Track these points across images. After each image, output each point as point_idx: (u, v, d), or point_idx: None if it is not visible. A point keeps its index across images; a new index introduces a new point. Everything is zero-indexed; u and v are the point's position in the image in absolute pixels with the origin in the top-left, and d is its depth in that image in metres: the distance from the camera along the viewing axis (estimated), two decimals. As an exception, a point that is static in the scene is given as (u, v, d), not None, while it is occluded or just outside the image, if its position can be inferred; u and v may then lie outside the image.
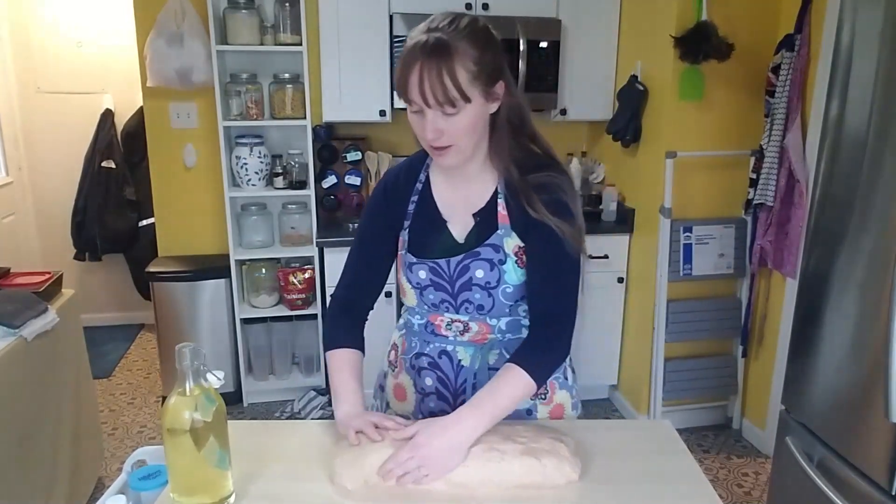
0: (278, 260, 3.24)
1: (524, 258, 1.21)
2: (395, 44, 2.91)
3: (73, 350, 2.36)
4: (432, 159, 1.26)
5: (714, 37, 2.52)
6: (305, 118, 3.02)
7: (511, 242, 1.20)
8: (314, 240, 3.12)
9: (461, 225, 1.24)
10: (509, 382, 1.13)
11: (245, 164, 3.05)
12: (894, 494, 1.48)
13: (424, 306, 1.28)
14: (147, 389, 3.44)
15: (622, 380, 3.26)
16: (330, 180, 3.16)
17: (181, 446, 0.94)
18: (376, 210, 1.30)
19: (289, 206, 3.21)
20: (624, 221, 3.07)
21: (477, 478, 1.05)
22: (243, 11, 2.91)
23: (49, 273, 2.32)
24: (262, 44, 2.97)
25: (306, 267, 3.16)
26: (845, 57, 1.66)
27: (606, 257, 3.07)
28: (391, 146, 3.31)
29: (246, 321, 3.20)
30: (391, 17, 2.91)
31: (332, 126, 3.21)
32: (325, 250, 2.95)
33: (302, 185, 3.10)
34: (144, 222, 3.90)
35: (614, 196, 3.10)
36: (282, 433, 1.25)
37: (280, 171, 3.08)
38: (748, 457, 2.84)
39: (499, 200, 1.22)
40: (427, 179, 1.28)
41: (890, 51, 1.51)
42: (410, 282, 1.26)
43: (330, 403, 3.12)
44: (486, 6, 2.95)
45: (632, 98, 2.89)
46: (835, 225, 1.68)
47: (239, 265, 3.18)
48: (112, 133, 3.92)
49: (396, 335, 1.39)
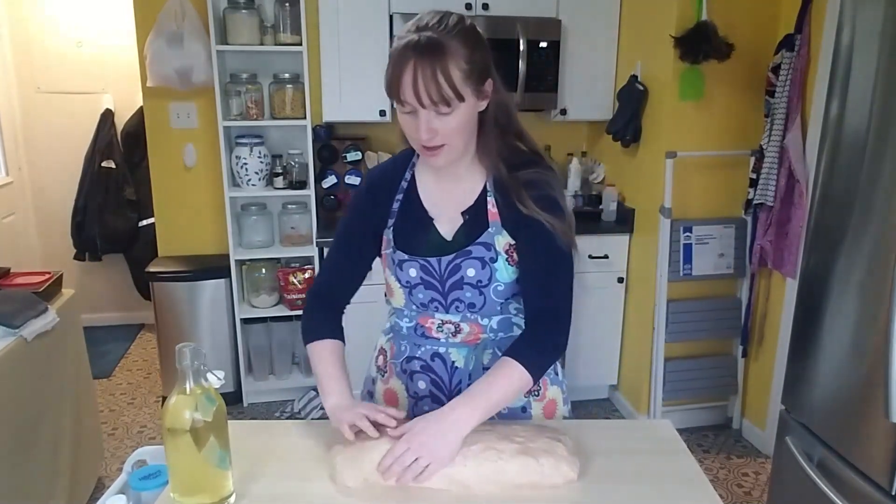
0: (278, 260, 3.24)
1: (515, 256, 1.20)
2: (396, 44, 2.91)
3: (73, 350, 2.36)
4: (418, 158, 1.26)
5: (714, 37, 2.52)
6: (305, 118, 3.02)
7: (502, 240, 1.20)
8: (314, 240, 3.12)
9: (448, 223, 1.23)
10: (504, 375, 1.12)
11: (245, 164, 3.05)
12: (894, 494, 1.48)
13: (413, 307, 1.26)
14: (147, 389, 3.44)
15: (622, 380, 3.26)
16: (330, 180, 3.16)
17: (181, 446, 0.94)
18: (359, 208, 1.29)
19: (289, 206, 3.22)
20: (624, 221, 3.07)
21: (475, 477, 1.05)
22: (243, 11, 2.91)
23: (49, 273, 2.32)
24: (262, 44, 2.97)
25: (306, 267, 3.16)
26: (845, 57, 1.66)
27: (606, 257, 3.07)
28: (391, 146, 3.31)
29: (246, 321, 3.20)
30: (391, 17, 2.91)
31: (332, 126, 3.21)
32: (325, 250, 2.95)
33: (302, 185, 3.10)
34: (144, 222, 3.90)
35: (614, 196, 3.10)
36: (282, 433, 1.25)
37: (280, 171, 3.08)
38: (748, 457, 2.84)
39: (488, 198, 1.21)
40: (412, 178, 1.27)
41: (890, 51, 1.51)
42: (399, 280, 1.24)
43: (330, 403, 3.13)
44: (486, 6, 2.95)
45: (632, 98, 2.89)
46: (835, 225, 1.68)
47: (239, 265, 3.18)
48: (112, 133, 3.92)
49: (383, 339, 1.38)
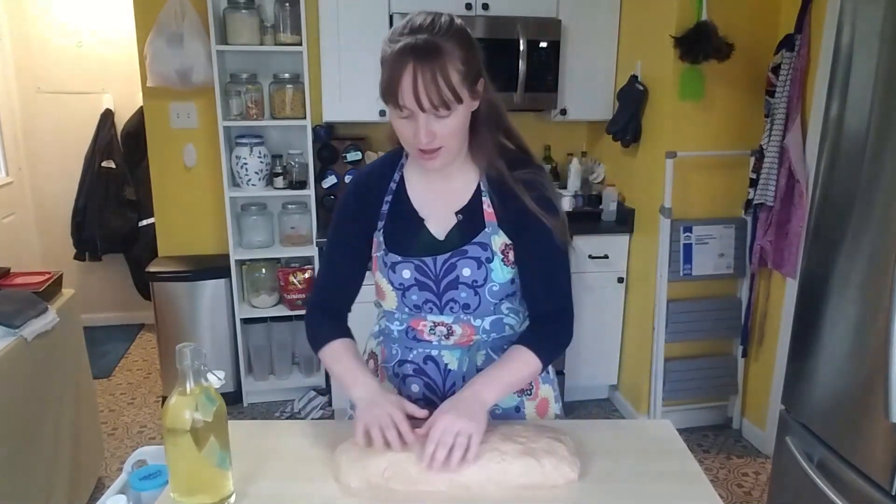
0: (278, 260, 3.24)
1: (510, 256, 1.20)
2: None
3: (73, 350, 2.36)
4: (406, 159, 1.26)
5: (714, 37, 2.52)
6: (305, 118, 3.02)
7: (498, 240, 1.20)
8: (314, 240, 3.12)
9: (440, 223, 1.22)
10: (518, 359, 1.16)
11: (245, 164, 3.05)
12: (894, 494, 1.48)
13: (405, 309, 1.24)
14: (147, 389, 3.44)
15: (622, 380, 3.26)
16: (330, 180, 3.16)
17: (182, 446, 0.94)
18: (348, 212, 1.27)
19: (289, 206, 3.21)
20: (624, 221, 3.07)
21: (477, 478, 1.05)
22: (243, 11, 2.91)
23: (49, 273, 2.31)
24: (262, 44, 2.97)
25: (306, 267, 3.16)
26: (845, 57, 1.66)
27: (606, 257, 3.07)
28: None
29: (246, 321, 3.20)
30: (391, 17, 2.91)
31: (332, 126, 3.21)
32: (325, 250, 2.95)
33: (302, 185, 3.10)
34: (144, 222, 3.90)
35: (614, 196, 3.10)
36: (282, 433, 1.25)
37: (280, 171, 3.08)
38: (748, 457, 2.84)
39: (483, 198, 1.21)
40: (401, 179, 1.25)
41: (890, 51, 1.51)
42: (392, 283, 1.22)
43: (330, 403, 3.13)
44: (486, 6, 2.95)
45: (632, 98, 2.89)
46: (835, 225, 1.68)
47: (239, 265, 3.18)
48: (112, 133, 3.92)
49: (373, 343, 1.36)
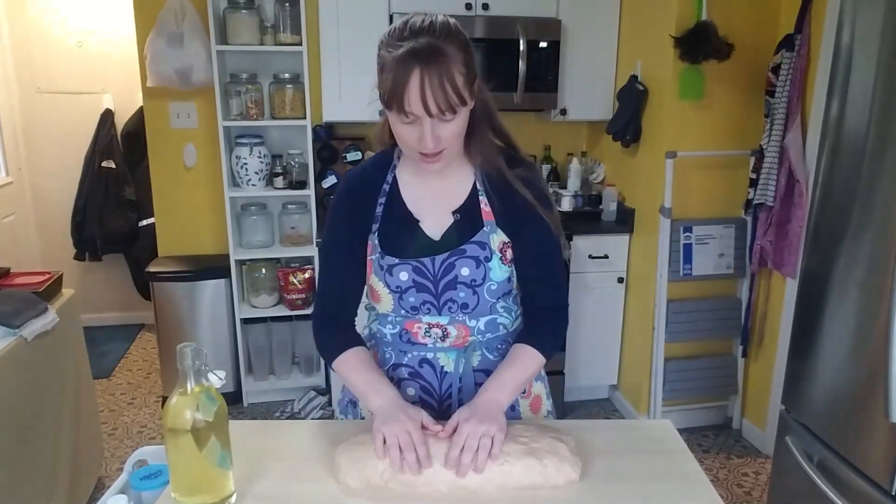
0: (278, 260, 3.24)
1: (508, 255, 1.21)
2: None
3: (73, 350, 2.36)
4: (398, 160, 1.25)
5: (714, 37, 2.52)
6: (305, 118, 3.02)
7: (497, 239, 1.20)
8: (314, 240, 3.12)
9: (436, 223, 1.21)
10: (523, 358, 1.18)
11: (245, 164, 3.05)
12: (894, 494, 1.48)
13: (401, 311, 1.22)
14: (147, 389, 3.44)
15: (622, 380, 3.26)
16: (330, 180, 3.16)
17: (182, 446, 0.94)
18: (341, 216, 1.24)
19: (289, 206, 3.22)
20: (624, 221, 3.08)
21: (479, 479, 1.04)
22: (243, 11, 2.91)
23: (49, 273, 2.32)
24: (262, 44, 2.97)
25: (306, 267, 3.16)
26: (845, 57, 1.66)
27: (606, 257, 3.07)
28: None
29: (246, 321, 3.20)
30: (391, 17, 2.91)
31: (332, 126, 3.21)
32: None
33: (302, 185, 3.10)
34: (144, 222, 3.90)
35: (614, 196, 3.10)
36: (282, 433, 1.25)
37: (280, 171, 3.08)
38: (748, 457, 2.84)
39: (480, 197, 1.21)
40: (394, 180, 1.24)
41: (890, 51, 1.51)
42: (389, 286, 1.20)
43: (330, 403, 3.14)
44: (486, 6, 2.95)
45: (632, 98, 2.89)
46: (835, 225, 1.68)
47: (239, 265, 3.18)
48: (112, 133, 3.92)
49: None
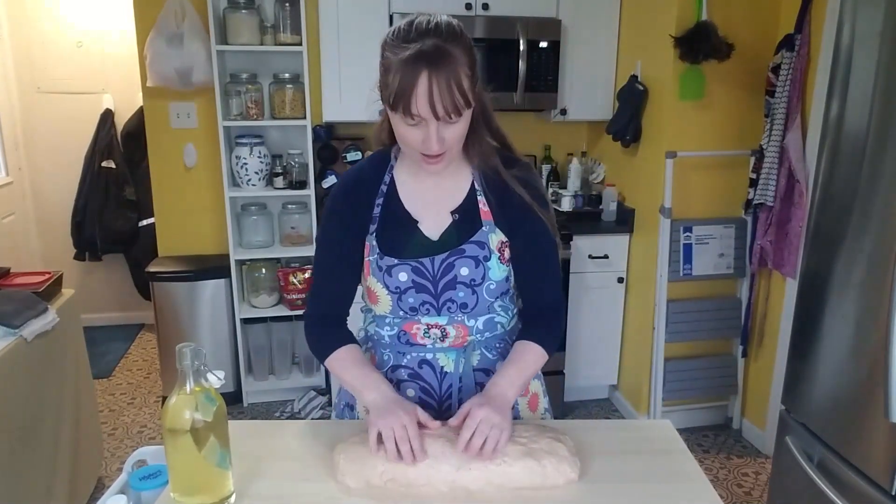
0: (278, 260, 3.24)
1: (506, 254, 1.21)
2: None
3: (73, 350, 2.36)
4: (396, 160, 1.25)
5: (714, 37, 2.52)
6: (305, 118, 3.02)
7: (495, 238, 1.20)
8: (314, 240, 3.12)
9: (434, 224, 1.21)
10: (528, 355, 1.19)
11: (245, 164, 3.05)
12: (894, 494, 1.48)
13: (400, 312, 1.22)
14: (147, 389, 3.44)
15: (622, 380, 3.26)
16: (330, 180, 3.16)
17: (182, 446, 0.94)
18: (338, 217, 1.23)
19: (289, 206, 3.21)
20: (624, 221, 3.07)
21: (479, 480, 1.04)
22: (243, 11, 2.91)
23: (49, 273, 2.32)
24: (262, 44, 2.97)
25: (306, 267, 3.16)
26: (845, 57, 1.66)
27: (606, 257, 3.07)
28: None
29: (246, 321, 3.20)
30: (391, 17, 2.91)
31: (332, 126, 3.21)
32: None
33: (302, 185, 3.10)
34: (144, 222, 3.90)
35: (614, 196, 3.10)
36: (282, 433, 1.25)
37: (280, 171, 3.08)
38: (748, 457, 2.84)
39: (479, 197, 1.21)
40: (391, 181, 1.23)
41: (890, 51, 1.51)
42: (388, 287, 1.19)
43: (330, 403, 3.13)
44: (486, 6, 2.95)
45: (632, 98, 2.89)
46: (835, 225, 1.68)
47: (239, 265, 3.18)
48: (112, 133, 3.92)
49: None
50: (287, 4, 2.94)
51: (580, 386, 3.27)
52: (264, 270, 3.20)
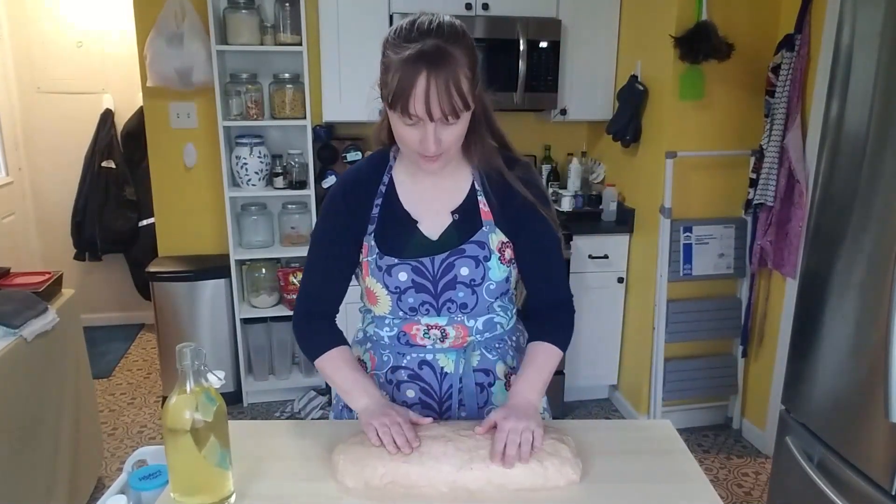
0: (278, 260, 3.24)
1: (507, 254, 1.21)
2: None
3: (73, 350, 2.36)
4: (395, 160, 1.24)
5: (714, 37, 2.52)
6: (305, 118, 3.02)
7: (496, 238, 1.20)
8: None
9: (434, 224, 1.21)
10: (544, 355, 1.21)
11: (245, 164, 3.05)
12: (894, 494, 1.48)
13: (400, 313, 1.22)
14: (147, 389, 3.44)
15: (622, 380, 3.26)
16: (330, 180, 3.16)
17: (182, 446, 0.94)
18: (335, 216, 1.23)
19: (289, 206, 3.21)
20: (624, 221, 3.07)
21: (480, 481, 1.04)
22: (243, 11, 2.91)
23: (49, 273, 2.32)
24: (262, 44, 2.97)
25: (306, 267, 3.16)
26: (845, 57, 1.66)
27: (606, 257, 3.07)
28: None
29: (246, 321, 3.20)
30: (391, 17, 2.91)
31: (332, 126, 3.21)
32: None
33: (302, 185, 3.10)
34: (144, 222, 3.90)
35: (614, 196, 3.10)
36: (282, 433, 1.24)
37: (280, 171, 3.08)
38: (748, 457, 2.84)
39: (479, 197, 1.21)
40: (391, 181, 1.23)
41: (890, 51, 1.51)
42: (388, 287, 1.19)
43: (330, 403, 3.12)
44: (486, 6, 2.95)
45: (632, 98, 2.89)
46: (835, 225, 1.68)
47: (239, 265, 3.18)
48: (112, 133, 3.92)
49: (359, 350, 1.32)
50: (287, 4, 2.94)
51: (580, 386, 3.27)
52: (264, 270, 3.20)
